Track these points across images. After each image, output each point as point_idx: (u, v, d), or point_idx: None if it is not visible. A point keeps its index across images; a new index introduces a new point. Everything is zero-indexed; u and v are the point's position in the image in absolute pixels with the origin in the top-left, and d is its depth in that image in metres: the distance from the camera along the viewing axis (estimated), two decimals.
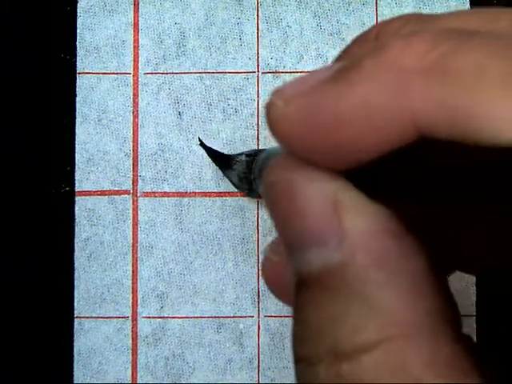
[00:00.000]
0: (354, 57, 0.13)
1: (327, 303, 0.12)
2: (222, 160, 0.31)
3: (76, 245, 0.31)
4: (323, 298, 0.12)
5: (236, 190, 0.31)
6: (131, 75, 0.32)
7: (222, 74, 0.32)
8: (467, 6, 0.32)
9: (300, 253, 0.13)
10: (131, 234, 0.31)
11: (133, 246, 0.31)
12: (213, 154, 0.31)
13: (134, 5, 0.32)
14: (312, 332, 0.12)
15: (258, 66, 0.32)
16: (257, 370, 0.31)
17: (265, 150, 0.29)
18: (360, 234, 0.12)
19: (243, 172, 0.30)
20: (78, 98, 0.32)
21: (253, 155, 0.29)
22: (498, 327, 0.31)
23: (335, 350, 0.12)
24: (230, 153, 0.31)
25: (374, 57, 0.12)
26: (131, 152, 0.32)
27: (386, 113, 0.12)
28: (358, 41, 0.15)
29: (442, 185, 0.16)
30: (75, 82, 0.32)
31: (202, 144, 0.31)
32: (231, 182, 0.31)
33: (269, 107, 0.13)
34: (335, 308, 0.12)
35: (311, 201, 0.13)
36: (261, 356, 0.31)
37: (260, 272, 0.31)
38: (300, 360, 0.13)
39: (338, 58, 0.15)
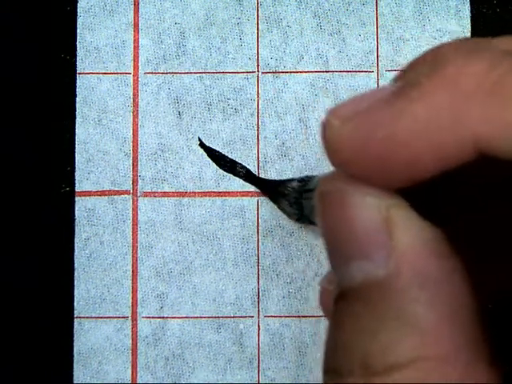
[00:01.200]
0: (411, 77, 0.13)
1: (364, 316, 0.12)
2: (271, 187, 0.30)
3: (76, 245, 0.31)
4: (361, 311, 0.12)
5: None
6: (131, 75, 0.32)
7: (221, 74, 0.32)
8: (467, 5, 0.32)
9: (345, 264, 0.13)
10: (131, 234, 0.31)
11: (133, 246, 0.31)
12: (220, 158, 0.31)
13: (134, 5, 0.32)
14: (345, 343, 0.12)
15: (257, 65, 0.32)
16: (257, 370, 0.31)
17: (317, 176, 0.29)
18: (407, 251, 0.12)
19: (294, 197, 0.29)
20: (77, 98, 0.32)
21: (305, 180, 0.29)
22: None
23: (366, 364, 0.12)
24: (229, 154, 0.31)
25: (432, 76, 0.12)
26: (131, 152, 0.32)
27: (446, 132, 0.12)
28: (414, 64, 0.15)
29: (496, 204, 0.16)
30: (75, 82, 0.32)
31: (206, 148, 0.31)
32: (280, 207, 0.30)
33: (325, 126, 0.13)
34: (372, 322, 0.12)
35: (363, 214, 0.13)
36: (261, 356, 0.31)
37: (259, 275, 0.31)
38: (329, 370, 0.13)
39: (394, 81, 0.15)
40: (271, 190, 0.30)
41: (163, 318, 0.31)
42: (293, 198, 0.29)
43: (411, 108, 0.12)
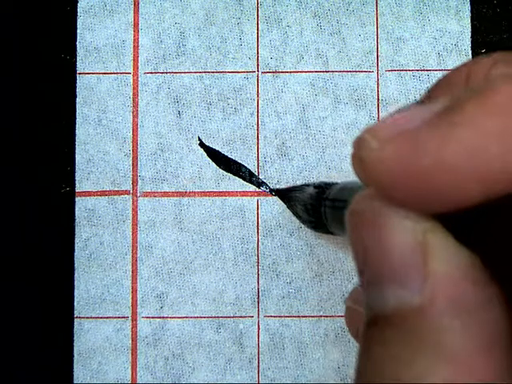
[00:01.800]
0: (453, 97, 0.12)
1: (397, 344, 0.12)
2: (284, 191, 0.30)
3: (76, 245, 0.31)
4: (394, 339, 0.12)
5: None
6: (131, 75, 0.32)
7: (221, 74, 0.32)
8: (467, 5, 0.32)
9: (377, 288, 0.13)
10: (131, 234, 0.31)
11: (132, 246, 0.31)
12: (215, 154, 0.31)
13: (134, 5, 0.32)
14: (376, 371, 0.12)
15: (257, 65, 0.32)
16: (257, 370, 0.31)
17: (336, 183, 0.28)
18: (444, 278, 0.12)
19: (310, 203, 0.28)
20: (78, 99, 0.32)
21: (322, 187, 0.28)
22: None
23: None
24: (229, 154, 0.31)
25: (479, 100, 0.11)
26: (131, 152, 0.32)
27: (493, 161, 0.11)
28: (447, 80, 0.14)
29: None
30: (75, 82, 0.32)
31: (201, 144, 0.31)
32: (295, 213, 0.30)
33: (360, 145, 0.13)
34: (405, 350, 0.12)
35: (399, 237, 0.12)
36: (261, 356, 0.31)
37: (259, 276, 0.31)
38: None
39: (428, 95, 0.14)
40: (285, 194, 0.30)
41: (163, 317, 0.31)
42: (309, 204, 0.28)
43: (458, 134, 0.11)
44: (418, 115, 0.12)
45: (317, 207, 0.27)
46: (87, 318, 0.31)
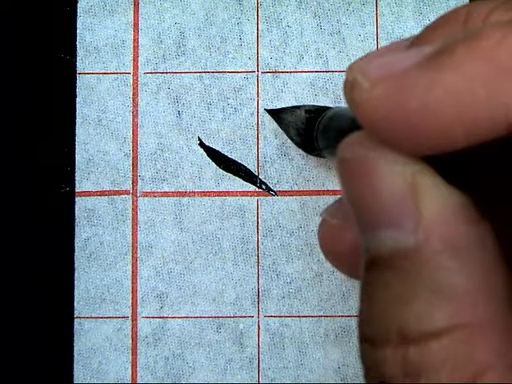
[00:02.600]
0: (445, 40, 0.12)
1: (396, 285, 0.12)
2: (276, 112, 0.30)
3: (76, 245, 0.31)
4: (392, 279, 0.12)
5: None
6: (131, 75, 0.32)
7: (221, 74, 0.32)
8: None
9: (372, 232, 0.13)
10: (131, 234, 0.31)
11: (132, 246, 0.31)
12: (215, 154, 0.31)
13: (134, 5, 0.32)
14: (378, 312, 0.12)
15: (257, 65, 0.32)
16: (257, 370, 0.31)
17: (329, 108, 0.28)
18: (436, 218, 0.12)
19: (303, 128, 0.29)
20: (78, 99, 0.32)
21: (313, 112, 0.28)
22: None
23: (402, 333, 0.12)
24: (229, 154, 0.31)
25: (468, 46, 0.12)
26: (131, 152, 0.32)
27: (479, 106, 0.11)
28: (445, 20, 0.14)
29: None
30: (75, 83, 0.32)
31: (201, 144, 0.31)
32: (289, 135, 0.30)
33: (352, 85, 0.13)
34: (404, 290, 0.12)
35: (389, 181, 0.13)
36: (261, 356, 0.31)
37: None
38: (365, 340, 0.13)
39: (423, 35, 0.14)
40: (277, 115, 0.30)
41: (163, 317, 0.31)
42: (302, 129, 0.29)
43: (446, 78, 0.12)
44: (409, 57, 0.12)
45: (309, 132, 0.28)
46: (87, 317, 0.31)
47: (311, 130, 0.28)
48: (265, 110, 0.31)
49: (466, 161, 0.15)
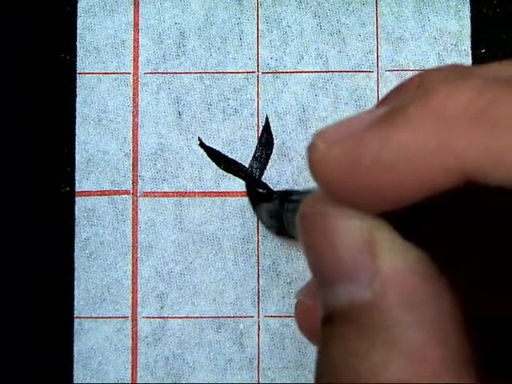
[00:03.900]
0: (398, 102, 0.13)
1: (353, 339, 0.12)
2: (254, 195, 0.30)
3: (76, 245, 0.31)
4: (349, 334, 0.12)
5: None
6: (131, 75, 0.32)
7: (221, 74, 0.32)
8: (467, 5, 0.32)
9: (330, 287, 0.13)
10: (131, 234, 0.31)
11: (133, 246, 0.31)
12: (215, 154, 0.31)
13: (134, 5, 0.32)
14: (335, 366, 0.13)
15: (257, 65, 0.32)
16: (257, 370, 0.31)
17: (298, 190, 0.29)
18: (392, 273, 0.12)
19: (275, 210, 0.29)
20: (78, 99, 0.32)
21: (286, 195, 0.29)
22: None
23: None
24: (229, 154, 0.31)
25: (420, 102, 0.12)
26: (131, 152, 0.32)
27: (432, 159, 0.12)
28: (400, 88, 0.15)
29: (480, 229, 0.16)
30: (75, 82, 0.32)
31: (201, 144, 0.31)
32: (261, 219, 0.30)
33: (311, 148, 0.13)
34: (360, 344, 0.12)
35: (346, 236, 0.13)
36: (261, 356, 0.31)
37: (260, 274, 0.31)
38: None
39: (380, 104, 0.15)
40: (258, 198, 0.30)
41: (163, 317, 0.31)
42: (273, 210, 0.29)
43: (397, 134, 0.12)
44: (365, 119, 0.13)
45: (279, 213, 0.28)
46: (87, 317, 0.31)
47: (281, 210, 0.28)
48: (248, 194, 0.31)
49: (424, 212, 0.15)
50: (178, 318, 0.31)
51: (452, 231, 0.16)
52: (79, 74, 0.32)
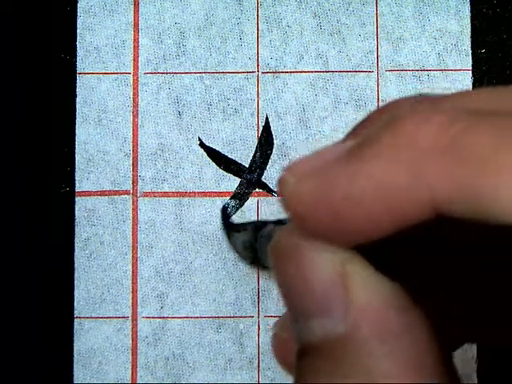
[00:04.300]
0: (367, 133, 0.13)
1: (328, 373, 0.12)
2: (229, 226, 0.30)
3: (76, 245, 0.31)
4: (324, 368, 0.12)
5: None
6: (131, 75, 0.32)
7: (221, 74, 0.32)
8: (467, 5, 0.32)
9: (304, 321, 0.13)
10: (131, 234, 0.31)
11: (133, 246, 0.31)
12: (215, 154, 0.31)
13: (134, 5, 0.32)
14: None
15: (257, 65, 0.32)
16: (257, 370, 0.31)
17: (272, 220, 0.29)
18: (365, 306, 0.12)
19: (248, 241, 0.29)
20: (78, 99, 0.32)
21: (259, 225, 0.29)
22: None
23: None
24: (229, 154, 0.31)
25: (388, 134, 0.12)
26: (131, 152, 0.32)
27: (402, 192, 0.12)
28: (368, 119, 0.15)
29: (453, 258, 0.16)
30: (75, 83, 0.32)
31: (201, 144, 0.31)
32: (235, 249, 0.30)
33: (281, 183, 0.13)
34: (336, 378, 0.12)
35: (318, 270, 0.13)
36: (261, 356, 0.31)
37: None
38: None
39: (349, 135, 0.15)
40: (228, 228, 0.30)
41: (163, 317, 0.31)
42: (247, 241, 0.29)
43: (367, 168, 0.12)
44: (334, 151, 0.13)
45: (253, 244, 0.29)
46: (87, 317, 0.31)
47: (255, 241, 0.29)
48: (223, 224, 0.31)
49: (397, 244, 0.15)
50: (178, 317, 0.31)
51: (422, 263, 0.16)
52: (79, 74, 0.32)
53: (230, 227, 0.30)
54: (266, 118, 0.32)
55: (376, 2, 0.32)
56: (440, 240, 0.16)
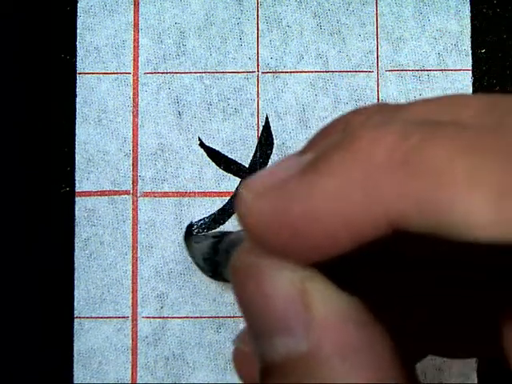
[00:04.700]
0: (323, 148, 0.12)
1: None
2: (188, 237, 0.30)
3: (76, 245, 0.31)
4: None
5: None
6: (131, 75, 0.32)
7: (221, 74, 0.32)
8: (467, 5, 0.32)
9: (265, 340, 0.13)
10: (131, 234, 0.31)
11: (133, 246, 0.31)
12: (215, 154, 0.31)
13: (134, 5, 0.32)
14: None
15: (257, 65, 0.32)
16: None
17: (232, 232, 0.29)
18: (326, 323, 0.12)
19: (207, 253, 0.29)
20: (78, 99, 0.32)
21: (219, 237, 0.29)
22: None
23: None
24: (229, 154, 0.31)
25: (343, 149, 0.12)
26: (131, 152, 0.32)
27: (358, 208, 0.12)
28: (326, 131, 0.15)
29: (409, 274, 0.16)
30: (75, 83, 0.32)
31: (201, 144, 0.31)
32: (195, 262, 0.30)
33: (238, 200, 0.13)
34: None
35: (278, 288, 0.13)
36: None
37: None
38: None
39: (306, 147, 0.15)
40: (189, 239, 0.30)
41: (163, 317, 0.31)
42: (206, 253, 0.29)
43: (322, 183, 0.12)
44: (289, 166, 0.13)
45: (213, 256, 0.28)
46: (87, 317, 0.31)
47: (215, 255, 0.29)
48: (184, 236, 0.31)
49: (357, 260, 0.15)
50: (178, 318, 0.31)
51: (380, 279, 0.16)
52: (79, 74, 0.32)
53: (189, 238, 0.30)
54: (266, 118, 0.32)
55: (376, 2, 0.32)
56: (396, 256, 0.15)
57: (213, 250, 0.29)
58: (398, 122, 0.12)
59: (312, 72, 0.32)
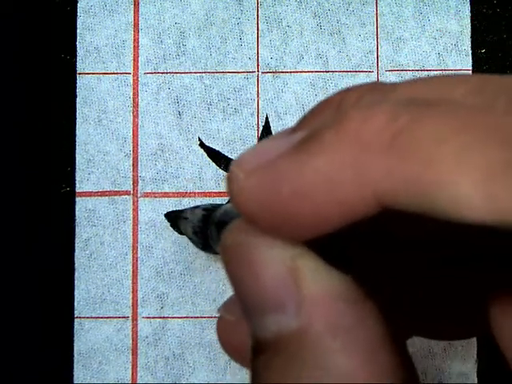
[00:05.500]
0: (314, 127, 0.13)
1: (283, 369, 0.12)
2: (176, 216, 0.30)
3: (76, 245, 0.31)
4: (279, 364, 0.12)
5: None
6: (131, 75, 0.32)
7: (221, 74, 0.32)
8: (467, 5, 0.32)
9: (257, 317, 0.13)
10: (131, 234, 0.31)
11: (133, 246, 0.31)
12: (215, 154, 0.31)
13: (134, 5, 0.32)
14: None
15: (257, 65, 0.32)
16: None
17: (222, 205, 0.29)
18: (317, 300, 0.12)
19: (198, 226, 0.29)
20: (78, 99, 0.32)
21: (210, 210, 0.29)
22: None
23: None
24: (229, 154, 0.31)
25: (334, 129, 0.12)
26: (131, 152, 0.32)
27: (348, 187, 0.12)
28: (318, 110, 0.15)
29: (404, 251, 0.16)
30: (75, 83, 0.32)
31: (201, 144, 0.31)
32: (186, 235, 0.30)
33: (229, 178, 0.13)
34: (290, 373, 0.12)
35: (269, 267, 0.13)
36: None
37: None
38: None
39: (299, 124, 0.15)
40: (175, 217, 0.30)
41: (163, 317, 0.31)
42: (197, 226, 0.29)
43: (313, 162, 0.12)
44: (281, 145, 0.13)
45: (204, 229, 0.28)
46: (87, 317, 0.31)
47: (206, 227, 0.29)
48: (164, 215, 0.31)
49: (348, 238, 0.15)
50: (178, 317, 0.31)
51: (372, 258, 0.16)
52: (79, 74, 0.32)
53: (178, 216, 0.30)
54: (266, 118, 0.32)
55: (376, 2, 0.32)
56: (388, 235, 0.16)
57: (202, 223, 0.29)
58: (389, 102, 0.12)
59: (312, 72, 0.32)
